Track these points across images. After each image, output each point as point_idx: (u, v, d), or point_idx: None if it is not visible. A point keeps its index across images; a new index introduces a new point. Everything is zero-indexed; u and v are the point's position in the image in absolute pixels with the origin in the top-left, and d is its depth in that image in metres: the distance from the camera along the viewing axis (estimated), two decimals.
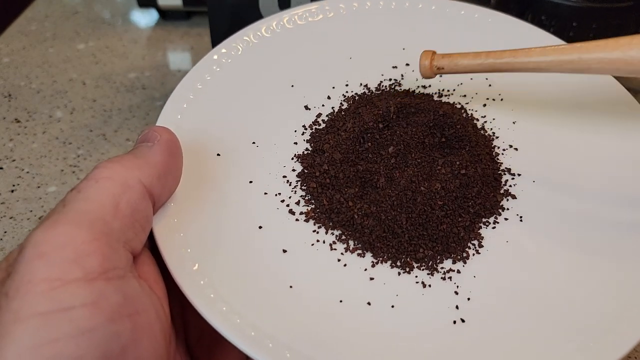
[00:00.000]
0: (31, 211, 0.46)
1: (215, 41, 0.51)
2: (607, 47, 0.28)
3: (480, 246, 0.30)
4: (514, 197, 0.32)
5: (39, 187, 0.48)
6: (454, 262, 0.29)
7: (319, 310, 0.27)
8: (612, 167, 0.33)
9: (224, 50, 0.37)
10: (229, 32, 0.38)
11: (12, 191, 0.48)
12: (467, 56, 0.33)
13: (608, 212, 0.31)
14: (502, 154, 0.34)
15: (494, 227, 0.31)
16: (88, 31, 0.70)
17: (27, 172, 0.49)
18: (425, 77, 0.35)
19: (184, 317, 0.28)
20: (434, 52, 0.34)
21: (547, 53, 0.30)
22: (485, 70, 0.33)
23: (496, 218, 0.31)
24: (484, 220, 0.31)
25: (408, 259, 0.29)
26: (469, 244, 0.30)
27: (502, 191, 0.32)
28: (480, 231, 0.31)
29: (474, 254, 0.30)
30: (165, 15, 0.72)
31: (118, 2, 0.77)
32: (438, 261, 0.29)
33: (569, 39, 0.39)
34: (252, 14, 0.49)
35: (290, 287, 0.27)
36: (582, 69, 0.29)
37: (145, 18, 0.73)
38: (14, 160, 0.51)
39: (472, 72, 0.34)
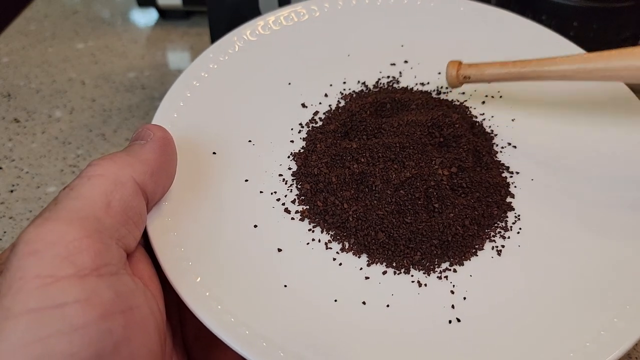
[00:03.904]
0: (30, 211, 0.46)
1: (215, 40, 0.50)
2: (635, 55, 0.28)
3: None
4: (512, 195, 0.32)
5: (38, 187, 0.48)
6: (450, 264, 0.29)
7: (313, 310, 0.26)
8: (611, 165, 0.33)
9: (220, 48, 0.37)
10: (229, 31, 0.38)
11: (12, 191, 0.48)
12: (494, 65, 0.33)
13: (607, 211, 0.31)
14: (501, 151, 0.34)
15: None
16: (87, 31, 0.70)
17: (27, 172, 0.49)
18: (452, 86, 0.36)
19: (180, 316, 0.28)
20: (460, 62, 0.35)
21: (574, 61, 0.30)
22: (511, 79, 0.33)
23: None
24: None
25: (405, 262, 0.29)
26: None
27: None
28: None
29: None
30: (165, 14, 0.72)
31: (117, 1, 0.77)
32: (436, 263, 0.29)
33: (570, 39, 0.38)
34: (251, 13, 0.49)
35: (285, 286, 0.27)
36: (609, 77, 0.29)
37: (144, 17, 0.73)
38: (13, 160, 0.51)
39: (498, 81, 0.34)
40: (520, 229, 0.30)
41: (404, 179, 0.30)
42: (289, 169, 0.32)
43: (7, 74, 0.62)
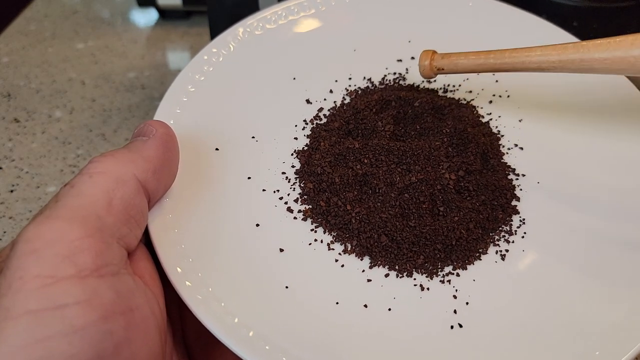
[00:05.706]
0: (30, 211, 0.45)
1: None
2: (610, 46, 0.26)
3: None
4: (517, 198, 0.31)
5: (38, 187, 0.48)
6: (454, 268, 0.28)
7: (315, 312, 0.26)
8: (619, 169, 0.32)
9: (224, 41, 0.36)
10: None
11: (12, 191, 0.47)
12: (468, 56, 0.32)
13: (613, 215, 0.30)
14: (507, 153, 0.33)
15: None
16: (87, 31, 0.70)
17: (27, 172, 0.49)
18: (425, 77, 0.34)
19: (181, 314, 0.28)
20: (433, 52, 0.33)
21: (549, 52, 0.29)
22: (486, 70, 0.32)
23: None
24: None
25: (407, 265, 0.28)
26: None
27: None
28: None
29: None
30: (165, 14, 0.72)
31: (117, 1, 0.76)
32: (439, 267, 0.28)
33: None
34: (251, 13, 0.49)
35: (287, 287, 0.27)
36: (585, 69, 0.28)
37: (144, 17, 0.73)
38: (13, 160, 0.50)
39: (473, 72, 0.33)
40: (525, 233, 0.30)
41: (409, 183, 0.30)
42: (293, 166, 0.32)
43: (7, 74, 0.62)
